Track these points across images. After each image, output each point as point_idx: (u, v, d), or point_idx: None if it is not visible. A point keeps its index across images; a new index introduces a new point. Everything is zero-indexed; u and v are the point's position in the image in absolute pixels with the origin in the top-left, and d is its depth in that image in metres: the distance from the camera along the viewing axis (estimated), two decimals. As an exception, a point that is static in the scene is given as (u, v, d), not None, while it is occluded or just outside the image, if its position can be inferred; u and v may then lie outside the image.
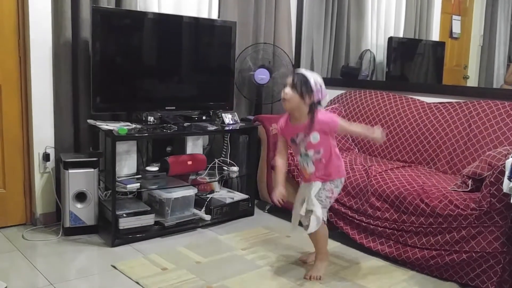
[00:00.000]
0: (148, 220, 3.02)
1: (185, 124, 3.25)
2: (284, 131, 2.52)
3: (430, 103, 3.30)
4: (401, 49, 4.03)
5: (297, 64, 4.25)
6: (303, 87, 2.34)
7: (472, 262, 2.40)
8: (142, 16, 3.21)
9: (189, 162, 3.29)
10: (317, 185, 2.46)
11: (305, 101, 2.36)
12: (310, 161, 2.46)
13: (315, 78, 2.37)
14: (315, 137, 2.40)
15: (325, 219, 2.50)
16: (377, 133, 2.41)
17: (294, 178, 3.23)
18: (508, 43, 3.42)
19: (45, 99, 3.08)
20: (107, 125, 3.01)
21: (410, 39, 3.95)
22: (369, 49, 4.06)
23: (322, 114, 2.41)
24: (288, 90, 2.37)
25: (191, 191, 3.22)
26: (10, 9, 2.99)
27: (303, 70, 2.43)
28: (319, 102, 2.39)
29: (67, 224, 2.96)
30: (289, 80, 2.39)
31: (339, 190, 2.54)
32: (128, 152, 3.16)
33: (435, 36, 3.83)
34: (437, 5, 3.73)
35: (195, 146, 3.47)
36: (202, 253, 2.80)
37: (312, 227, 2.41)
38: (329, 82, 4.09)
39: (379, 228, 2.78)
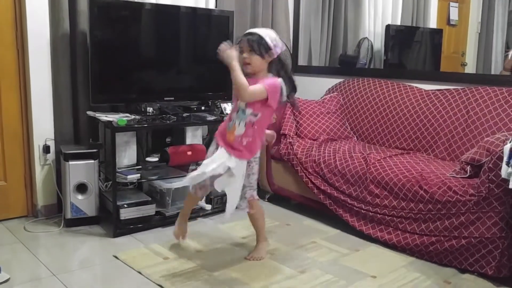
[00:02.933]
0: (149, 210, 3.04)
1: (184, 115, 3.25)
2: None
3: (428, 90, 3.31)
4: (399, 36, 4.03)
5: (295, 53, 4.25)
6: (262, 47, 2.31)
7: (471, 248, 2.43)
8: (139, 7, 3.20)
9: (189, 152, 3.30)
10: (243, 165, 2.38)
11: (266, 60, 2.34)
12: (243, 121, 2.36)
13: (269, 35, 2.34)
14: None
15: (256, 196, 2.55)
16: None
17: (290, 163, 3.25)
18: (506, 29, 3.42)
19: (44, 92, 3.09)
20: (106, 116, 3.02)
21: (407, 26, 3.94)
22: (366, 37, 4.06)
23: (272, 81, 2.34)
24: (247, 55, 2.33)
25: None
26: (7, 2, 2.98)
27: (255, 30, 2.39)
28: (278, 58, 2.36)
29: (69, 215, 2.98)
30: (245, 43, 2.34)
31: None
32: (128, 143, 3.16)
33: (432, 23, 3.83)
34: (435, -8, 3.73)
35: (194, 136, 3.48)
36: (203, 242, 2.82)
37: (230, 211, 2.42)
38: (327, 71, 4.14)
39: (378, 215, 2.80)
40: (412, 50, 3.97)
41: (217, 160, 2.36)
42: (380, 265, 2.56)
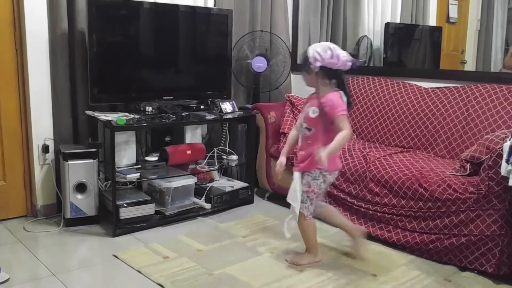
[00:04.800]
0: (148, 209, 3.04)
1: (184, 114, 3.25)
2: (305, 102, 2.54)
3: (427, 88, 3.31)
4: (398, 34, 4.02)
5: (294, 52, 4.24)
6: (303, 63, 2.37)
7: (471, 245, 2.42)
8: (138, 6, 3.19)
9: (188, 152, 3.30)
10: (296, 177, 2.42)
11: (310, 74, 2.36)
12: (300, 134, 2.47)
13: (313, 48, 2.32)
14: (314, 111, 2.38)
15: (308, 212, 2.45)
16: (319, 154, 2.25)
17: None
18: (506, 27, 3.41)
19: (42, 91, 3.08)
20: (105, 115, 3.02)
21: (407, 24, 3.94)
22: (366, 35, 4.05)
23: (334, 95, 2.33)
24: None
25: (190, 180, 3.23)
26: (5, 1, 2.97)
27: (309, 47, 2.37)
28: (331, 70, 2.31)
29: (68, 215, 2.98)
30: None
31: (319, 183, 2.42)
32: (127, 142, 3.16)
33: (432, 21, 3.82)
34: (434, -10, 3.72)
35: (193, 135, 3.48)
36: (203, 241, 2.82)
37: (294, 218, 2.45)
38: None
39: (378, 213, 2.79)
40: (412, 48, 3.96)
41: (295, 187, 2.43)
42: (380, 264, 2.56)
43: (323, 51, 2.30)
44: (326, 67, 2.31)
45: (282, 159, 2.49)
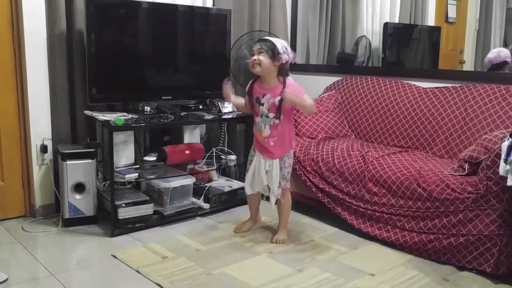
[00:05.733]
0: (147, 209, 3.04)
1: (182, 114, 3.25)
2: (251, 90, 2.72)
3: (426, 88, 3.31)
4: (397, 34, 4.03)
5: (292, 51, 4.23)
6: (271, 51, 2.58)
7: (469, 245, 2.43)
8: (136, 5, 3.19)
9: (187, 152, 3.30)
10: (277, 165, 2.69)
11: (274, 63, 2.59)
12: (267, 124, 2.67)
13: (281, 43, 2.62)
14: (278, 101, 2.62)
15: (288, 186, 2.79)
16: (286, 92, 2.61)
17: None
18: (504, 27, 3.42)
19: (41, 91, 3.08)
20: (103, 115, 3.01)
21: (405, 24, 3.94)
22: (364, 35, 4.05)
23: (291, 82, 2.66)
24: (257, 56, 2.60)
25: (189, 180, 3.23)
26: (3, 0, 2.96)
27: (269, 38, 2.68)
28: (287, 65, 2.64)
29: (67, 215, 2.97)
30: (257, 47, 2.61)
31: (292, 160, 2.80)
32: (125, 142, 3.16)
33: (430, 21, 3.83)
34: (432, -10, 3.73)
35: (192, 135, 3.47)
36: (202, 241, 2.82)
37: (273, 199, 2.72)
38: (325, 69, 4.14)
39: (376, 213, 2.80)
40: (410, 48, 3.97)
41: (256, 172, 2.74)
42: (378, 263, 2.56)
43: (287, 46, 2.64)
44: (286, 63, 2.64)
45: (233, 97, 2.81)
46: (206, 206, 3.26)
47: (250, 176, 2.78)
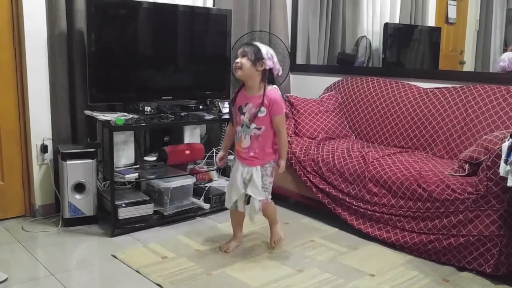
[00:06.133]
0: (147, 209, 3.04)
1: (182, 114, 3.25)
2: (235, 99, 2.58)
3: (426, 89, 3.31)
4: (397, 35, 4.03)
5: (293, 52, 4.24)
6: (254, 54, 2.43)
7: (469, 246, 2.42)
8: (137, 5, 3.19)
9: (187, 152, 3.29)
10: (258, 171, 2.51)
11: (256, 68, 2.44)
12: (248, 134, 2.51)
13: (266, 49, 2.47)
14: (262, 111, 2.47)
15: (270, 199, 2.61)
16: (281, 163, 2.55)
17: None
18: (504, 27, 3.41)
19: (41, 91, 3.08)
20: (104, 115, 3.01)
21: (406, 25, 3.94)
22: (365, 36, 4.05)
23: (275, 93, 2.49)
24: (239, 59, 2.46)
25: (189, 180, 3.23)
26: (3, 0, 2.96)
27: (255, 42, 2.52)
28: (270, 72, 2.48)
29: (67, 215, 2.97)
30: (240, 50, 2.47)
31: (273, 172, 2.60)
32: (125, 142, 3.16)
33: (431, 21, 3.82)
34: (433, -10, 3.72)
35: (192, 135, 3.47)
36: (202, 241, 2.82)
37: (253, 214, 2.55)
38: (326, 69, 4.14)
39: (376, 213, 2.79)
40: (411, 48, 3.97)
41: (233, 179, 2.57)
42: (378, 264, 2.56)
43: (273, 54, 2.49)
44: (270, 70, 2.48)
45: (222, 154, 2.73)
46: (206, 206, 3.26)
47: (228, 186, 2.63)
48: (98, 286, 2.36)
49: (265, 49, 2.46)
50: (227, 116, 3.44)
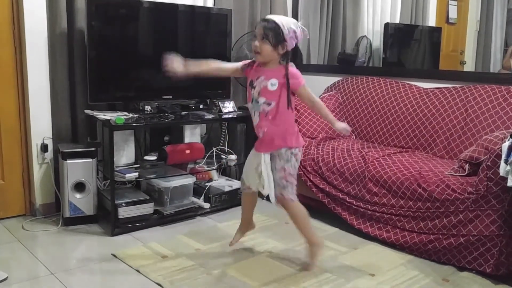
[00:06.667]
0: (147, 209, 3.04)
1: (182, 113, 3.24)
2: (248, 69, 2.36)
3: (427, 89, 3.31)
4: (398, 35, 4.03)
5: (293, 51, 4.23)
6: (275, 37, 2.18)
7: (469, 246, 2.42)
8: (137, 5, 3.19)
9: (187, 151, 3.29)
10: (266, 161, 2.29)
11: (278, 51, 2.22)
12: (257, 111, 2.30)
13: (287, 25, 2.19)
14: (273, 83, 2.24)
15: (293, 195, 2.36)
16: (341, 126, 2.32)
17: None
18: (505, 28, 3.42)
19: (41, 90, 3.08)
20: (104, 115, 3.01)
21: (406, 25, 3.94)
22: (365, 36, 4.05)
23: (293, 68, 2.27)
24: (259, 43, 2.21)
25: (189, 180, 3.23)
26: (4, -1, 2.97)
27: (273, 17, 2.24)
28: (293, 50, 2.25)
29: (67, 214, 2.97)
30: (260, 30, 2.21)
31: (293, 163, 2.32)
32: (126, 141, 3.16)
33: (431, 21, 3.82)
34: (433, -10, 3.72)
35: (192, 135, 3.47)
36: (202, 240, 2.82)
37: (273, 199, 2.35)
38: (326, 69, 4.14)
39: (376, 213, 2.79)
40: (411, 48, 3.97)
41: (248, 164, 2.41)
42: (378, 263, 2.56)
43: (295, 27, 2.21)
44: (296, 45, 2.25)
45: (179, 63, 2.40)
46: (206, 205, 3.26)
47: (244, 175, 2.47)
48: (98, 285, 2.37)
49: (286, 27, 2.17)
50: (227, 116, 3.45)
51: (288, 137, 2.31)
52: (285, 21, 2.21)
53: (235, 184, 3.56)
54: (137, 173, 3.04)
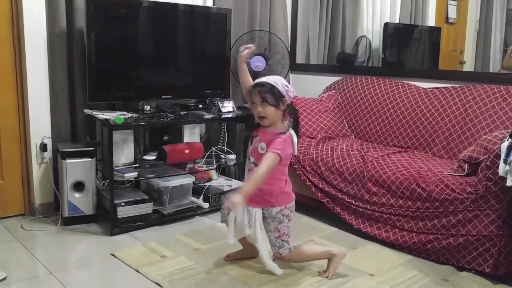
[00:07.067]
0: (146, 208, 3.04)
1: (182, 113, 3.25)
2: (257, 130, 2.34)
3: (426, 89, 3.31)
4: (397, 34, 4.02)
5: (292, 51, 4.24)
6: (274, 97, 2.20)
7: (468, 246, 2.43)
8: (137, 4, 3.19)
9: (186, 151, 3.29)
10: (258, 216, 2.26)
11: (280, 108, 2.23)
12: (247, 166, 2.33)
13: (279, 82, 2.23)
14: (262, 147, 2.24)
15: (288, 250, 2.34)
16: (233, 197, 2.08)
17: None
18: (504, 27, 3.41)
19: (41, 89, 3.08)
20: (103, 114, 3.01)
21: (406, 24, 3.94)
22: (365, 35, 4.05)
23: (283, 139, 2.21)
24: (261, 108, 2.22)
25: (188, 180, 3.23)
26: (3, -1, 2.97)
27: (264, 79, 2.26)
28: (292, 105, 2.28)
29: (66, 213, 2.97)
30: (257, 95, 2.23)
31: (286, 224, 2.31)
32: (125, 141, 3.16)
33: (431, 21, 3.82)
34: (433, -10, 3.72)
35: (192, 134, 3.47)
36: (201, 240, 2.82)
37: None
38: (325, 69, 4.13)
39: (376, 213, 2.79)
40: (410, 48, 3.96)
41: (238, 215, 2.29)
42: (377, 263, 2.56)
43: (286, 83, 2.25)
44: (290, 103, 2.26)
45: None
46: (206, 205, 3.26)
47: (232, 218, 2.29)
48: (97, 285, 2.37)
49: (279, 83, 2.22)
50: (226, 115, 3.45)
51: (275, 196, 2.28)
52: (276, 79, 2.26)
53: (234, 183, 3.56)
54: (136, 173, 3.04)
